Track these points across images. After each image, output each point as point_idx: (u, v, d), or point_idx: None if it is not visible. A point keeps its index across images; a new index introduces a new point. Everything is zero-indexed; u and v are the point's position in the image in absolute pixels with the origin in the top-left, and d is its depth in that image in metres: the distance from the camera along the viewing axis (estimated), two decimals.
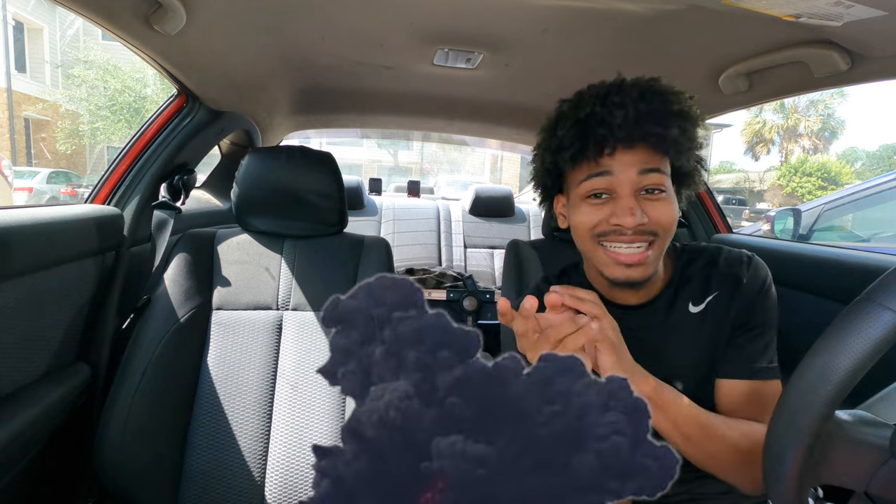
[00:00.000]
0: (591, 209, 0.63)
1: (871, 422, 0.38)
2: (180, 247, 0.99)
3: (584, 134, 0.60)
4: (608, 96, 0.60)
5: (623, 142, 0.59)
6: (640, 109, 0.58)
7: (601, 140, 0.59)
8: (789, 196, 17.01)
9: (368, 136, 2.44)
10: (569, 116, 0.62)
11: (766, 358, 0.66)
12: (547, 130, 0.67)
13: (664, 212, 0.61)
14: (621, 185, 0.60)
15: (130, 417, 0.82)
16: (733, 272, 0.68)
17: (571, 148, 0.61)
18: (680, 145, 0.61)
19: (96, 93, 12.16)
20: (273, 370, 0.94)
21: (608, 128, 0.58)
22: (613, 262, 0.62)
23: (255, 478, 0.87)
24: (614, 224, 0.60)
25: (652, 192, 0.61)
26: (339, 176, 1.05)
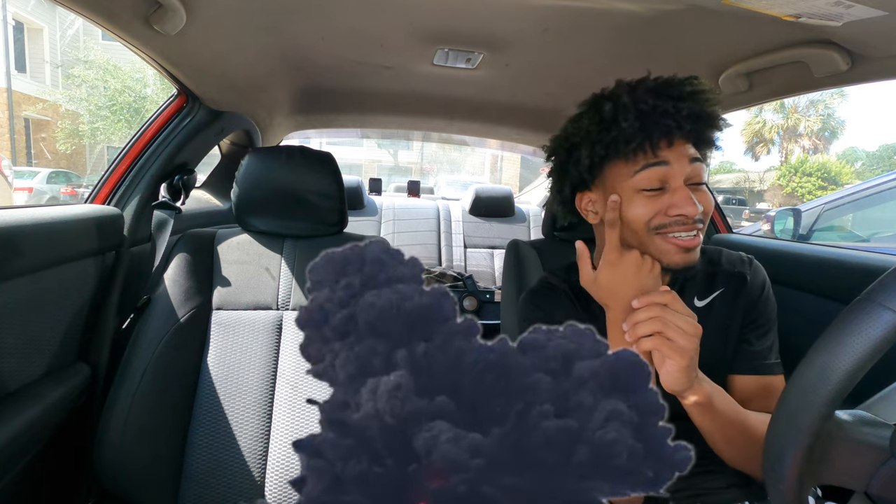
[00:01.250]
0: (647, 202, 0.64)
1: (871, 422, 0.38)
2: (180, 247, 0.99)
3: (648, 126, 0.61)
4: (665, 90, 0.62)
5: (684, 133, 0.62)
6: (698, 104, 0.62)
7: (667, 131, 0.61)
8: (789, 196, 17.01)
9: (368, 136, 2.44)
10: (630, 108, 0.63)
11: (773, 354, 0.70)
12: (599, 122, 0.66)
13: (708, 200, 0.64)
14: (675, 177, 0.62)
15: (130, 417, 0.82)
16: (737, 271, 0.72)
17: (635, 139, 0.62)
18: (713, 140, 0.65)
19: (96, 93, 12.16)
20: (273, 370, 0.94)
21: (674, 119, 0.60)
22: (675, 248, 0.63)
23: (255, 478, 0.87)
24: (676, 215, 0.62)
25: (696, 185, 0.64)
26: (339, 176, 1.05)
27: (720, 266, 0.73)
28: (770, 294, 0.72)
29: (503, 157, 17.90)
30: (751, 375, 0.69)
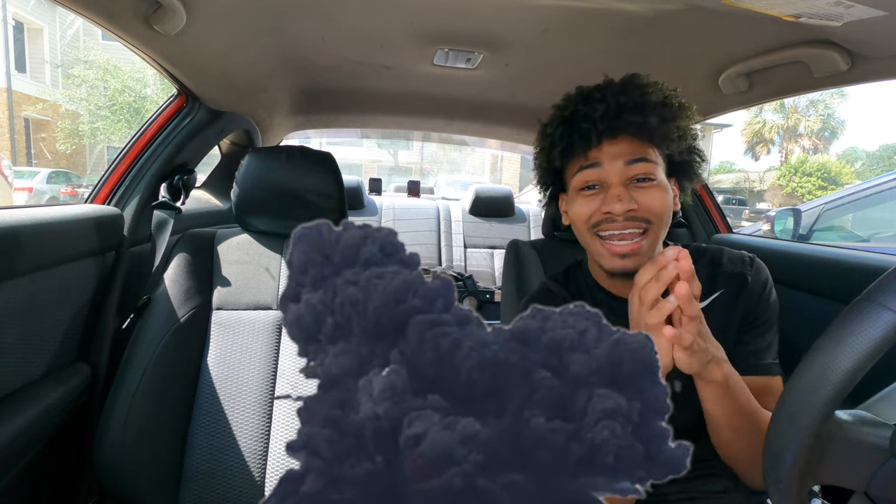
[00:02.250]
0: (585, 200, 0.66)
1: (871, 422, 0.38)
2: (180, 247, 0.99)
3: (570, 130, 0.65)
4: (591, 94, 0.65)
5: (606, 133, 0.62)
6: (619, 102, 0.62)
7: (585, 133, 0.63)
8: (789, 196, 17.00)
9: (368, 136, 2.45)
10: (556, 116, 0.68)
11: (771, 354, 0.70)
12: (540, 132, 0.72)
13: (654, 198, 0.63)
14: (610, 176, 0.64)
15: (130, 418, 0.82)
16: (738, 271, 0.72)
17: (560, 144, 0.66)
18: (664, 133, 0.63)
19: (96, 93, 12.15)
20: (273, 370, 0.94)
21: (591, 121, 0.62)
22: (609, 253, 0.64)
23: (255, 478, 0.87)
24: (605, 212, 0.63)
25: (642, 181, 0.64)
26: (339, 176, 1.05)
27: (721, 267, 0.73)
28: (772, 293, 0.72)
29: (503, 157, 17.90)
30: (746, 376, 0.67)
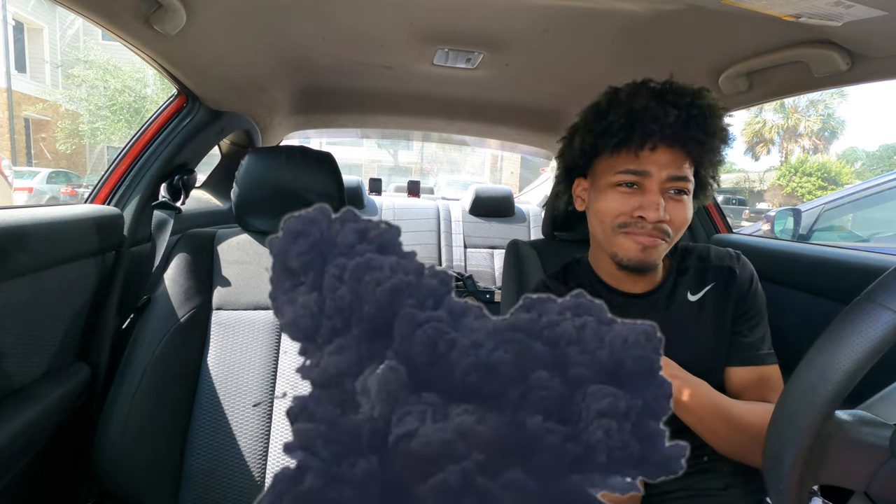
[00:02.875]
0: (619, 197, 0.66)
1: (871, 422, 0.38)
2: (180, 247, 0.99)
3: (633, 124, 0.63)
4: (664, 94, 0.63)
5: (668, 140, 0.62)
6: (692, 114, 0.61)
7: (649, 134, 0.62)
8: (789, 196, 17.00)
9: (368, 136, 2.44)
10: (624, 104, 0.64)
11: (766, 345, 0.71)
12: (595, 112, 0.68)
13: (683, 213, 0.65)
14: (652, 182, 0.64)
15: (130, 417, 0.82)
16: (726, 265, 0.74)
17: (619, 134, 0.64)
18: (713, 156, 0.65)
19: (96, 93, 12.15)
20: (273, 370, 0.94)
21: (659, 123, 0.61)
22: (633, 243, 0.65)
23: (255, 478, 0.87)
24: (638, 216, 0.64)
25: (676, 193, 0.65)
26: (339, 176, 1.05)
27: (710, 262, 0.76)
28: (758, 287, 0.74)
29: (503, 157, 17.90)
30: (745, 367, 0.70)
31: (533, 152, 2.25)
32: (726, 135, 0.65)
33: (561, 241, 1.08)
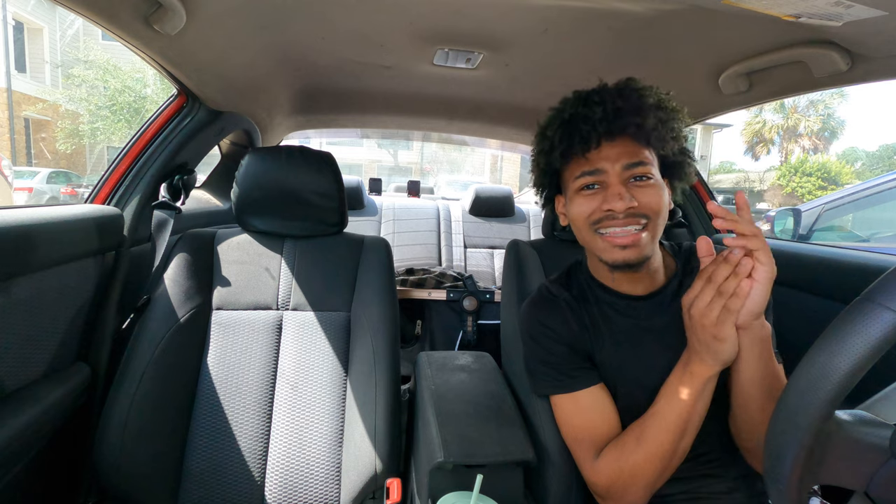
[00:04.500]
0: (585, 200, 0.69)
1: (871, 422, 0.38)
2: (180, 247, 0.99)
3: (569, 132, 0.66)
4: (589, 98, 0.67)
5: (605, 135, 0.65)
6: (617, 105, 0.64)
7: (585, 135, 0.65)
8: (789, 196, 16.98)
9: (368, 136, 2.44)
10: (555, 118, 0.70)
11: (773, 343, 0.70)
12: (539, 135, 0.74)
13: (652, 195, 0.66)
14: (609, 176, 0.66)
15: (130, 418, 0.82)
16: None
17: (560, 147, 0.68)
18: (660, 135, 0.66)
19: (96, 93, 12.14)
20: (273, 370, 0.94)
21: (590, 123, 0.64)
22: (610, 245, 0.67)
23: (255, 478, 0.87)
24: (606, 209, 0.66)
25: (640, 180, 0.66)
26: (339, 176, 1.05)
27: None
28: None
29: (503, 157, 17.89)
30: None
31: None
32: (665, 109, 0.66)
33: (561, 241, 1.08)
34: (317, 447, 0.90)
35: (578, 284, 0.79)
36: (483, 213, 2.52)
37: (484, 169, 21.50)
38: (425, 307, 1.89)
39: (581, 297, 0.77)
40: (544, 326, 0.75)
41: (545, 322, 0.76)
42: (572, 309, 0.76)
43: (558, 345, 0.74)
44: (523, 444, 0.75)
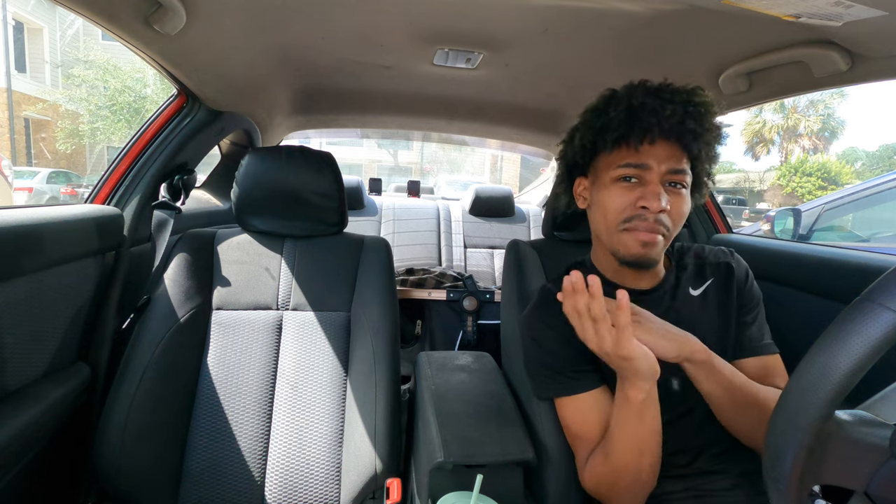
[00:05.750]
0: (622, 191, 0.68)
1: (871, 422, 0.38)
2: (180, 247, 0.99)
3: (632, 119, 0.65)
4: (660, 92, 0.66)
5: (665, 134, 0.64)
6: (687, 110, 0.64)
7: (648, 128, 0.64)
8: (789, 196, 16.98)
9: (368, 136, 2.44)
10: (621, 101, 0.67)
11: (766, 335, 0.74)
12: (595, 110, 0.71)
13: (681, 206, 0.67)
14: (652, 174, 0.66)
15: (130, 417, 0.82)
16: (722, 261, 0.78)
17: (618, 130, 0.66)
18: (707, 154, 0.67)
19: (96, 93, 12.14)
20: (273, 370, 0.94)
21: (657, 118, 0.63)
22: (633, 239, 0.67)
23: (255, 478, 0.87)
24: (641, 206, 0.65)
25: (675, 186, 0.67)
26: (339, 176, 1.05)
27: (706, 259, 0.79)
28: (753, 281, 0.77)
29: (503, 157, 17.89)
30: (751, 358, 0.72)
31: (533, 152, 2.25)
32: (720, 132, 0.68)
33: (561, 241, 1.08)
34: (317, 447, 0.90)
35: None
36: (483, 213, 2.52)
37: (484, 169, 21.49)
38: (425, 307, 1.89)
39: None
40: (546, 327, 0.75)
41: (547, 323, 0.76)
42: None
43: (560, 346, 0.74)
44: (523, 444, 0.75)
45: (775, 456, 0.38)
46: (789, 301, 1.05)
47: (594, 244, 0.80)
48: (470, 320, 1.82)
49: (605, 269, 0.78)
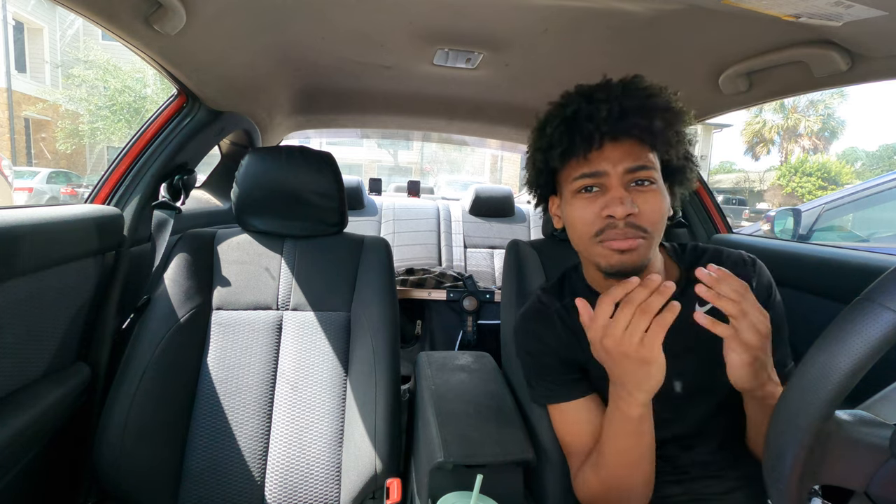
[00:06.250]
0: (584, 203, 0.64)
1: (871, 422, 0.38)
2: (180, 247, 0.99)
3: (571, 130, 0.62)
4: (593, 94, 0.63)
5: (609, 135, 0.61)
6: (623, 104, 0.60)
7: (588, 135, 0.60)
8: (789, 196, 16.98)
9: (368, 136, 2.44)
10: (556, 115, 0.65)
11: (789, 358, 0.69)
12: (537, 131, 0.69)
13: (653, 204, 0.61)
14: (611, 179, 0.62)
15: (130, 418, 0.82)
16: (741, 273, 0.67)
17: (561, 145, 0.63)
18: (666, 138, 0.62)
19: (96, 93, 12.14)
20: (273, 370, 0.94)
21: (594, 122, 0.60)
22: (609, 250, 0.62)
23: (255, 478, 0.87)
24: (606, 215, 0.61)
25: (641, 184, 0.62)
26: (339, 176, 1.05)
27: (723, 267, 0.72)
28: (777, 295, 0.71)
29: (503, 157, 17.89)
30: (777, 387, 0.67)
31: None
32: (673, 111, 0.62)
33: (561, 241, 1.08)
34: (317, 447, 0.90)
35: (573, 292, 0.77)
36: (483, 213, 2.52)
37: (484, 169, 21.49)
38: (425, 307, 1.89)
39: (571, 311, 0.74)
40: (536, 340, 0.75)
41: (536, 333, 0.75)
42: (563, 320, 0.75)
43: (548, 356, 0.73)
44: (523, 444, 0.76)
45: (776, 456, 0.38)
46: (789, 301, 1.05)
47: (582, 260, 0.76)
48: (470, 320, 1.81)
49: (592, 282, 0.75)
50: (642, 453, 0.62)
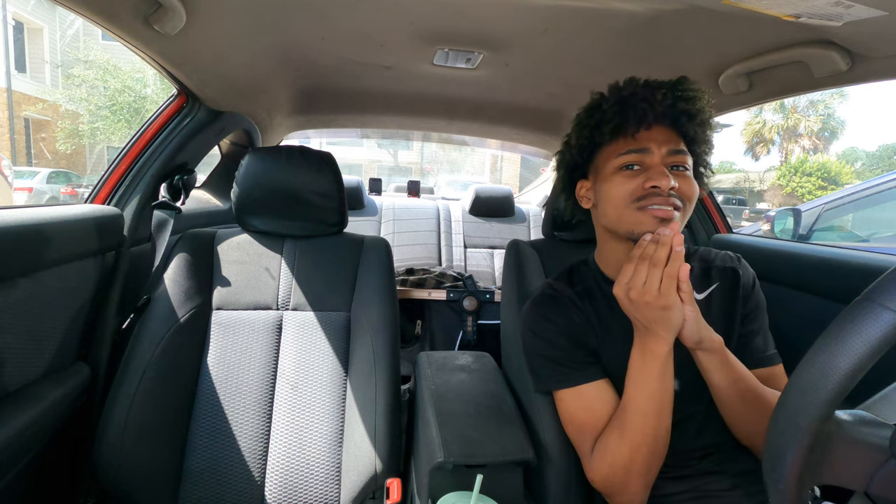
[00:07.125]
0: (626, 179, 0.68)
1: (871, 422, 0.38)
2: (180, 247, 0.99)
3: (626, 108, 0.67)
4: (649, 82, 0.69)
5: (659, 118, 0.66)
6: (676, 94, 0.67)
7: (642, 113, 0.66)
8: (789, 196, 16.98)
9: (368, 136, 2.44)
10: (613, 94, 0.70)
11: (770, 345, 0.74)
12: (588, 108, 0.73)
13: (689, 185, 0.67)
14: (654, 158, 0.67)
15: (130, 417, 0.82)
16: (728, 266, 0.78)
17: (614, 120, 0.68)
18: (702, 137, 0.69)
19: (96, 93, 12.14)
20: (273, 370, 0.94)
21: (648, 103, 0.65)
22: (650, 217, 0.66)
23: (255, 478, 0.87)
24: (651, 186, 0.65)
25: (678, 169, 0.67)
26: (339, 176, 1.05)
27: (713, 263, 0.78)
28: (759, 288, 0.77)
29: (503, 157, 17.89)
30: (755, 369, 0.71)
31: (533, 152, 2.25)
32: (711, 117, 0.70)
33: (561, 241, 1.08)
34: (317, 447, 0.90)
35: (583, 282, 0.79)
36: (483, 213, 2.52)
37: (484, 169, 21.49)
38: (425, 307, 1.89)
39: (586, 294, 0.77)
40: (547, 320, 0.75)
41: (548, 316, 0.76)
42: (576, 305, 0.76)
43: (560, 338, 0.74)
44: (523, 443, 0.75)
45: (775, 456, 0.38)
46: (789, 301, 1.05)
47: (599, 242, 0.79)
48: (470, 320, 1.82)
49: (609, 269, 0.77)
50: (667, 399, 0.64)
